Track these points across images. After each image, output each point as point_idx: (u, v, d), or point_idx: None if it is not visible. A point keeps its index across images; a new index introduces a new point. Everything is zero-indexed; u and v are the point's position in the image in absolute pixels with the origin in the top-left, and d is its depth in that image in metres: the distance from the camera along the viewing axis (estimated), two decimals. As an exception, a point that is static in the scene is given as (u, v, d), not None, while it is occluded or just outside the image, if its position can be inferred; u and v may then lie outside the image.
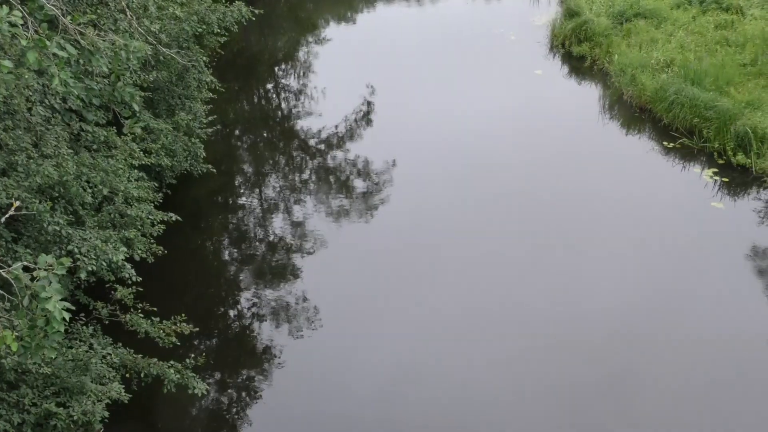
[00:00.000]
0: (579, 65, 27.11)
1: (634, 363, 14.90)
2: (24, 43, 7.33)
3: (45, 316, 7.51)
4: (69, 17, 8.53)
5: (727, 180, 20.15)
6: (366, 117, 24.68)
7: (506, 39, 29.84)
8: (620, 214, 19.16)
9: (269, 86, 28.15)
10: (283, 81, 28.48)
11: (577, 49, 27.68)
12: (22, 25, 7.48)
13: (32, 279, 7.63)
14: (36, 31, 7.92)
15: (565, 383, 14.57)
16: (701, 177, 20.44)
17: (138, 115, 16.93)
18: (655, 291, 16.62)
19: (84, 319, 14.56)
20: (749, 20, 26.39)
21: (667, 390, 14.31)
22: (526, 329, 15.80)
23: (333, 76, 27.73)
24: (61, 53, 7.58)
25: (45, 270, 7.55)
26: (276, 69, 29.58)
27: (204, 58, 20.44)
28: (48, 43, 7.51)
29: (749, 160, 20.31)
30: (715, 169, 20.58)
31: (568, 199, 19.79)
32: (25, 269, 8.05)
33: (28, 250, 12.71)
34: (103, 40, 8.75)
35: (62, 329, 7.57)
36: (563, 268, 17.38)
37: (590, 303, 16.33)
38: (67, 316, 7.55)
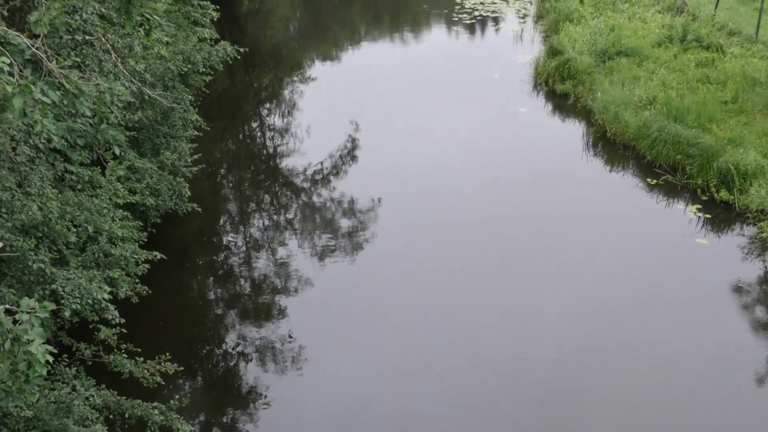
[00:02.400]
0: (562, 103, 27.32)
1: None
2: (9, 89, 7.33)
3: (27, 359, 7.43)
4: (54, 61, 8.55)
5: (710, 216, 20.26)
6: (350, 154, 24.75)
7: (490, 77, 30.07)
8: (605, 250, 19.20)
9: (254, 124, 28.21)
10: (268, 119, 28.55)
11: (560, 87, 27.91)
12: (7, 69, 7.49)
13: (14, 322, 7.56)
14: (21, 75, 7.92)
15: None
16: (685, 213, 20.55)
17: (123, 155, 16.93)
18: (642, 328, 16.63)
19: (67, 360, 14.43)
20: (729, 59, 26.70)
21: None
22: (515, 375, 15.77)
23: (318, 114, 27.83)
24: (44, 99, 7.58)
25: (27, 313, 7.49)
26: (261, 107, 29.67)
27: (189, 97, 20.49)
28: (33, 88, 7.50)
29: (732, 197, 20.45)
30: (699, 206, 20.70)
31: (551, 237, 19.82)
32: (8, 312, 7.99)
33: (11, 290, 12.62)
34: (87, 83, 8.76)
35: (44, 372, 7.48)
36: (545, 304, 17.38)
37: (571, 338, 16.32)
38: (50, 359, 7.48)
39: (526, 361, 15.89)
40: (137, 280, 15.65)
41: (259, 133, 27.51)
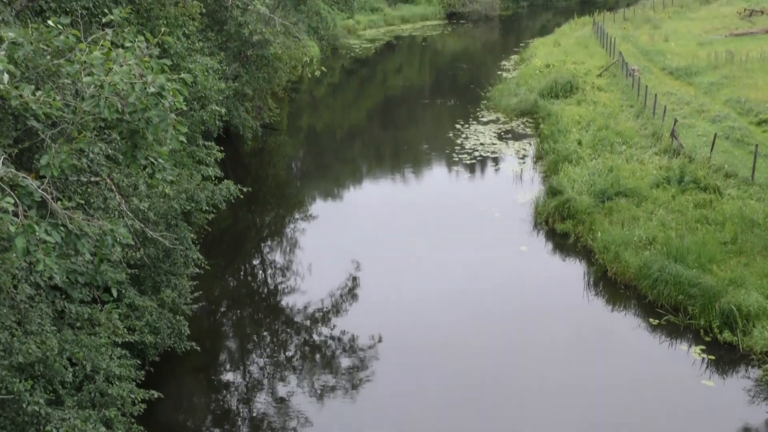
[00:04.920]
0: (563, 242, 27.47)
1: None
2: (12, 229, 7.40)
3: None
4: (59, 202, 8.66)
5: (714, 358, 20.05)
6: (351, 293, 24.71)
7: (491, 216, 30.34)
8: (610, 393, 18.93)
9: (255, 262, 28.30)
10: (269, 257, 28.67)
11: (560, 227, 28.12)
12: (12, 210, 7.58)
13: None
14: (25, 215, 8.00)
15: None
16: (689, 354, 20.34)
17: (123, 293, 16.92)
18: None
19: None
20: (727, 200, 27.01)
21: None
22: None
23: (319, 252, 27.94)
24: (48, 239, 7.64)
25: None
26: (262, 245, 29.84)
27: (191, 235, 20.63)
28: (37, 228, 7.57)
29: (736, 338, 20.29)
30: (703, 347, 20.51)
31: (551, 380, 19.56)
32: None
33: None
34: (89, 224, 8.84)
35: None
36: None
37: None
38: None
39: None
40: (133, 420, 15.38)
41: (260, 271, 27.55)
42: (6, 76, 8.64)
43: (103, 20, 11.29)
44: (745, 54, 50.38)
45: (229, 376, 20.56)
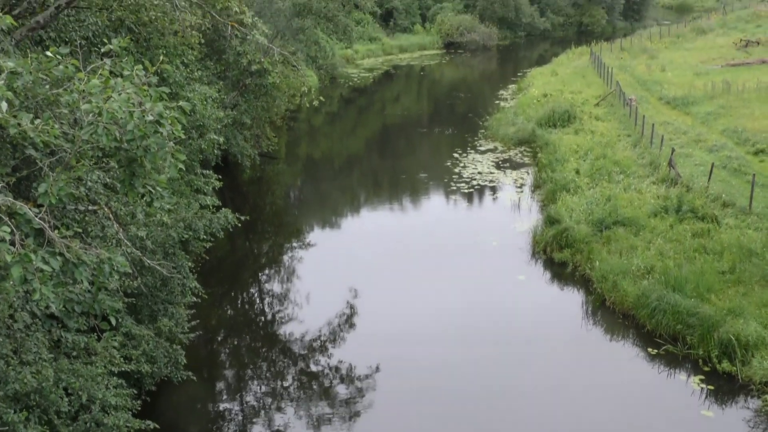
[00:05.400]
0: (561, 271, 27.43)
1: None
2: (9, 258, 7.37)
3: None
4: (56, 231, 8.65)
5: (713, 388, 19.95)
6: (349, 322, 24.63)
7: (488, 245, 30.32)
8: (608, 422, 18.82)
9: (253, 291, 28.22)
10: (266, 285, 28.60)
11: (558, 256, 28.10)
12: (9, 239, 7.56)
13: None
14: (22, 244, 7.99)
15: None
16: (688, 384, 20.25)
17: (120, 321, 16.86)
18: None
19: None
20: (725, 229, 27.01)
21: None
22: None
23: (316, 281, 27.88)
24: (45, 267, 7.62)
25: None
26: (260, 273, 29.77)
27: (189, 264, 20.58)
28: (33, 257, 7.55)
29: (735, 368, 20.20)
30: (702, 376, 20.42)
31: (550, 411, 19.46)
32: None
33: (-3, 463, 12.29)
34: (87, 252, 8.82)
35: None
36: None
37: None
38: None
39: None
40: (129, 451, 15.25)
41: (257, 299, 27.48)
42: (5, 105, 8.65)
43: (102, 50, 11.32)
44: (742, 84, 50.64)
45: (225, 406, 20.43)
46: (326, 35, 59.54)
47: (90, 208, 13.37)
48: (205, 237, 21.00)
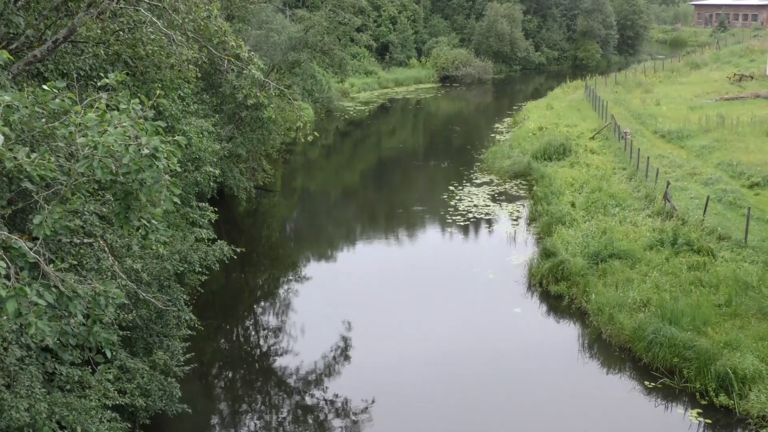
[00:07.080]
0: (557, 304, 27.39)
1: None
2: (3, 293, 7.35)
3: None
4: (51, 264, 8.63)
5: (711, 422, 19.87)
6: (344, 355, 24.54)
7: (484, 277, 30.29)
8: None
9: (248, 323, 28.13)
10: (262, 318, 28.51)
11: (554, 288, 28.06)
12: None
13: None
14: (17, 278, 7.96)
15: None
16: (685, 418, 20.17)
17: (114, 354, 16.76)
18: None
19: None
20: (720, 262, 27.01)
21: None
22: None
23: (311, 314, 27.79)
24: (40, 301, 7.59)
25: None
26: (255, 306, 29.69)
27: (184, 296, 20.52)
28: (28, 290, 7.53)
29: (732, 402, 20.13)
30: (699, 410, 20.34)
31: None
32: None
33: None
34: (82, 285, 8.80)
35: None
36: None
37: None
38: None
39: None
40: (122, 486, 15.11)
41: (252, 332, 27.38)
42: (1, 138, 8.67)
43: (99, 84, 11.36)
44: (736, 118, 50.92)
45: (220, 440, 20.29)
46: (322, 69, 59.83)
47: (85, 240, 13.35)
48: (200, 269, 20.96)
